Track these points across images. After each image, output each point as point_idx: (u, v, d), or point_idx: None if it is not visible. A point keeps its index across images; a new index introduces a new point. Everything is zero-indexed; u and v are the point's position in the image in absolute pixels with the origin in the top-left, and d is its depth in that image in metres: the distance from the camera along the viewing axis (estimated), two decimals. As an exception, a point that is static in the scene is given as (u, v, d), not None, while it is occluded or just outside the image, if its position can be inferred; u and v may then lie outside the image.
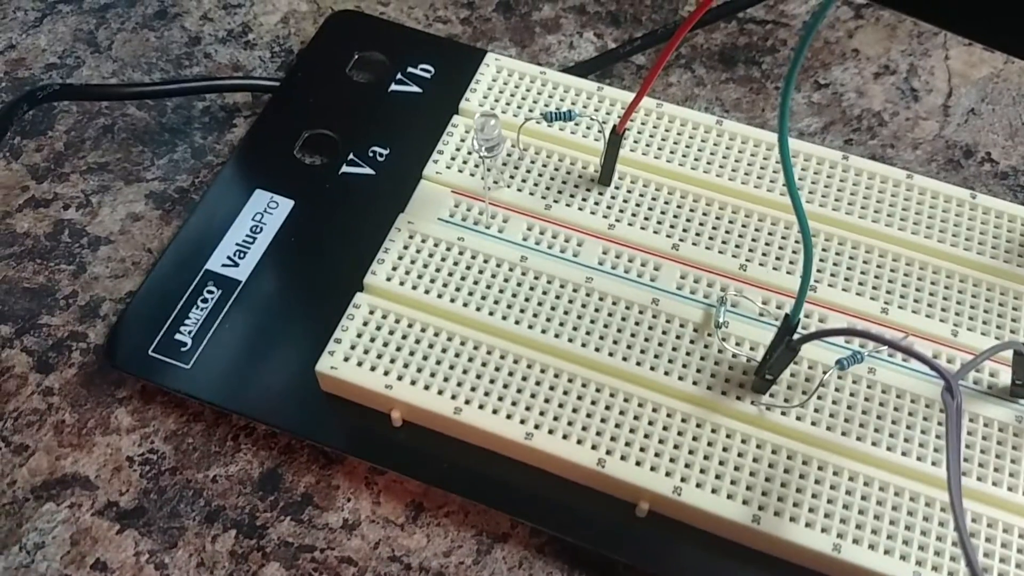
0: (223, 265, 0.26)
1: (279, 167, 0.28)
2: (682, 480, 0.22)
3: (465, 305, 0.24)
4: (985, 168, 0.30)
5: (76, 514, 0.24)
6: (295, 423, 0.24)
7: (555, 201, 0.26)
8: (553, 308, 0.24)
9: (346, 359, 0.24)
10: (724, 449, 0.22)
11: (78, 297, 0.27)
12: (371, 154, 0.28)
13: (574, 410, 0.23)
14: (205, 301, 0.26)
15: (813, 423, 0.23)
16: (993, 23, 0.33)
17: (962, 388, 0.23)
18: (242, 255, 0.26)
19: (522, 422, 0.23)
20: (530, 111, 0.27)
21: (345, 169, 0.28)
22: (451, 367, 0.24)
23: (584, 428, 0.23)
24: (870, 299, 0.25)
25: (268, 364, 0.25)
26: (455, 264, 0.25)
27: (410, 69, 0.30)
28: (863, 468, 0.22)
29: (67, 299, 0.27)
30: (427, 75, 0.30)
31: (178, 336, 0.25)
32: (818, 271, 0.25)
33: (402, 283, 0.25)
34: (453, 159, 0.27)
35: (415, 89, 0.29)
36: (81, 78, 0.31)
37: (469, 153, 0.27)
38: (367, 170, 0.28)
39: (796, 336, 0.21)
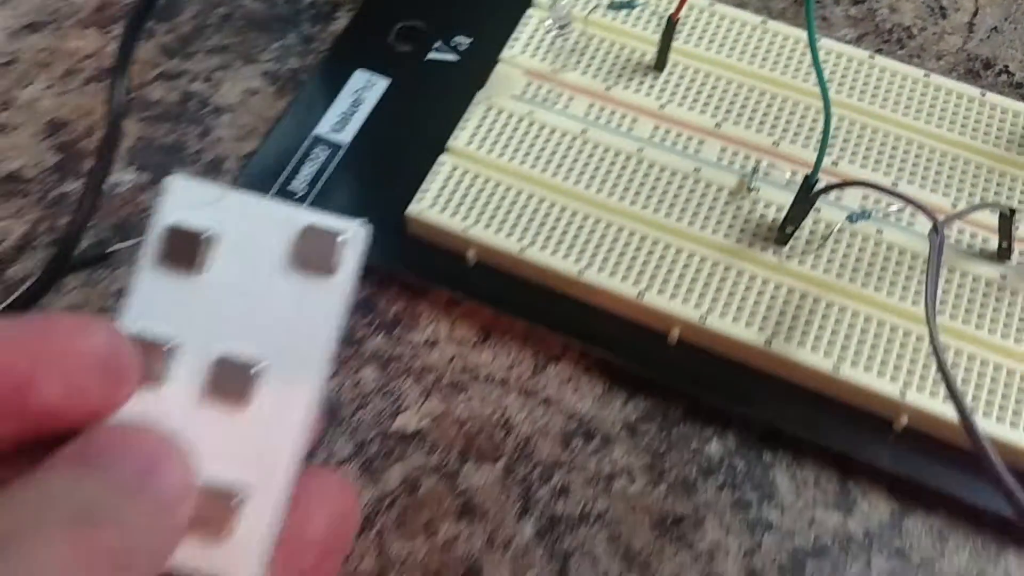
0: (329, 130, 0.31)
1: (376, 52, 0.33)
2: (708, 311, 0.26)
3: (532, 167, 0.29)
4: (1002, 79, 0.33)
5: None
6: (388, 260, 0.29)
7: (614, 84, 0.30)
8: (608, 173, 0.29)
9: (431, 206, 0.28)
10: (746, 288, 0.27)
11: (205, 154, 0.32)
12: (454, 44, 0.33)
13: (621, 253, 0.27)
14: (314, 160, 0.30)
15: (824, 271, 0.27)
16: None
17: (954, 247, 0.27)
18: (345, 123, 0.31)
19: (576, 261, 0.27)
20: (595, 5, 0.31)
21: (432, 56, 0.32)
22: (518, 216, 0.28)
23: (628, 268, 0.27)
24: (883, 174, 0.28)
25: (366, 212, 0.29)
26: (525, 134, 0.29)
27: (492, -28, 0.34)
28: (863, 307, 0.26)
29: (195, 155, 0.32)
30: (507, -23, 0.34)
31: (291, 187, 0.30)
32: (840, 150, 0.29)
33: (479, 147, 0.29)
34: (527, 46, 0.31)
35: (496, -11, 0.34)
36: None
37: (541, 41, 0.31)
38: (451, 56, 0.32)
39: (814, 190, 0.25)
